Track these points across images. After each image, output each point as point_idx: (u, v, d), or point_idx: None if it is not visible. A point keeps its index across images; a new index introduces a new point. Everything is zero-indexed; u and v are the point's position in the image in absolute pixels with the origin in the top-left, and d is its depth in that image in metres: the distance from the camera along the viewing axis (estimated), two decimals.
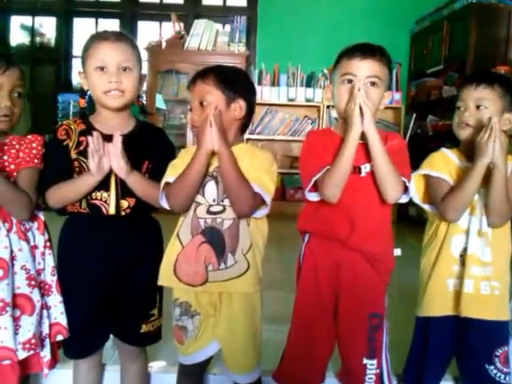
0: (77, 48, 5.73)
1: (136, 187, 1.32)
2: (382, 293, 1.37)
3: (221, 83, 1.28)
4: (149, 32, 5.59)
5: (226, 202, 1.27)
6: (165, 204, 1.29)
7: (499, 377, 1.38)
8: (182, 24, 4.83)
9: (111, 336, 1.44)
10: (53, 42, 5.74)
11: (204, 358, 1.35)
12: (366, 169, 1.31)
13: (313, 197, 1.33)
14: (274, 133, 4.82)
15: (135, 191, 1.33)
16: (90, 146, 1.25)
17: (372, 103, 1.25)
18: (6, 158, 1.30)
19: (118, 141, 1.26)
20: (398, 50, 4.97)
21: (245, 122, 1.35)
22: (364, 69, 1.27)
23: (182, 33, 4.72)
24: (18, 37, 5.80)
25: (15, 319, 1.26)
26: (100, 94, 1.33)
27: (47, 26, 5.79)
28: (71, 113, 5.05)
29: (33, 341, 1.27)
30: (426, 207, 1.43)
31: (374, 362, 1.34)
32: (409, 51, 5.24)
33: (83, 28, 5.73)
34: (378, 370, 1.34)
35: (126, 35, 1.38)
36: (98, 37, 1.34)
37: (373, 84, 1.28)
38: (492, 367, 1.38)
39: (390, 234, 1.38)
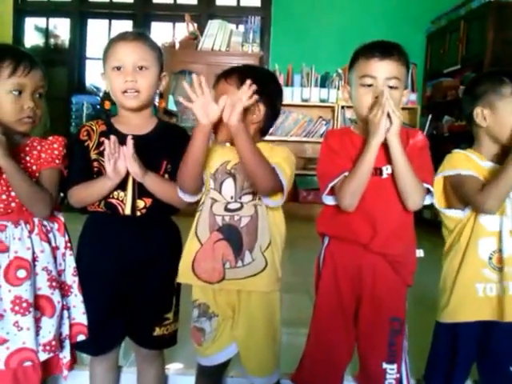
0: (90, 49, 5.77)
1: (154, 188, 1.32)
2: (403, 296, 1.35)
3: (242, 84, 1.26)
4: (162, 33, 5.61)
5: (244, 199, 1.27)
6: (183, 196, 1.29)
7: None
8: (195, 24, 4.82)
9: (129, 338, 1.44)
10: (67, 43, 5.77)
11: (222, 360, 1.34)
12: (387, 170, 1.29)
13: (329, 200, 1.32)
14: (288, 134, 4.78)
15: (154, 192, 1.33)
16: (106, 150, 1.26)
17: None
18: (28, 158, 1.31)
19: (129, 144, 1.26)
20: (413, 50, 4.85)
21: (265, 125, 1.34)
22: (383, 70, 1.25)
23: (196, 33, 4.71)
24: (32, 38, 5.84)
25: (36, 320, 1.26)
26: (118, 94, 1.34)
27: (61, 28, 5.83)
28: (85, 114, 5.06)
29: (53, 343, 1.28)
30: (450, 212, 1.39)
31: (394, 366, 1.33)
32: (424, 51, 5.18)
33: (97, 29, 5.76)
34: (397, 375, 1.33)
35: (146, 35, 1.38)
36: (117, 37, 1.35)
37: (391, 86, 1.26)
38: None
39: (413, 236, 1.36)
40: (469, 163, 1.37)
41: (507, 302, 1.31)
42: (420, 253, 1.36)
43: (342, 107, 4.70)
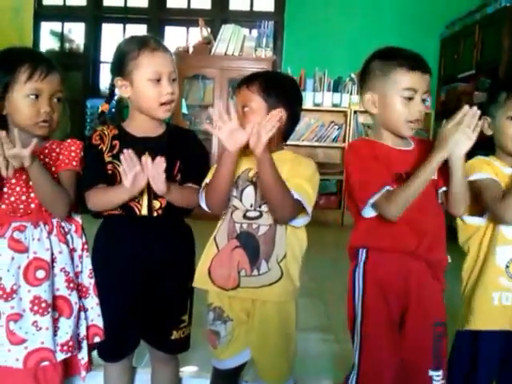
0: (105, 53, 5.82)
1: (175, 200, 1.33)
2: (442, 300, 1.33)
3: (264, 91, 1.28)
4: (176, 37, 5.65)
5: (264, 207, 1.26)
6: (203, 203, 1.30)
7: None
8: (209, 29, 4.84)
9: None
10: (81, 47, 5.84)
11: (237, 364, 1.35)
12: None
13: (370, 212, 1.28)
14: (299, 138, 4.77)
15: (174, 203, 1.33)
16: (124, 164, 1.24)
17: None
18: (47, 160, 1.33)
19: (161, 164, 1.24)
20: (427, 55, 4.74)
21: (286, 131, 1.33)
22: (424, 84, 1.26)
23: (210, 38, 4.73)
24: (47, 42, 5.92)
25: (54, 321, 1.28)
26: (154, 106, 1.33)
27: (76, 32, 5.91)
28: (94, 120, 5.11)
29: (70, 343, 1.29)
30: (470, 220, 1.38)
31: (440, 372, 1.29)
32: (438, 56, 5.14)
33: (111, 34, 5.82)
34: (444, 381, 1.30)
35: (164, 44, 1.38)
36: (148, 46, 1.31)
37: (424, 100, 1.27)
38: None
39: (445, 241, 1.35)
40: (490, 168, 1.36)
41: None
42: (448, 259, 1.34)
43: (355, 112, 4.68)
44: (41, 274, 1.26)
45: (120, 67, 1.34)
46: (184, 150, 1.39)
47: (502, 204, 1.27)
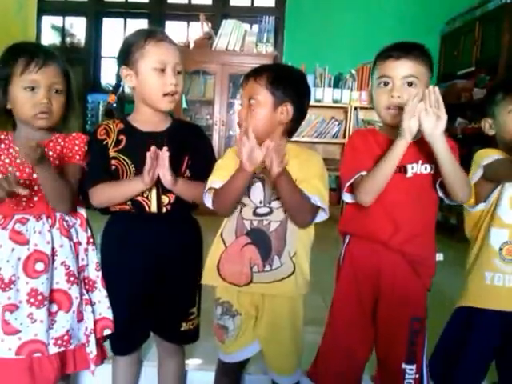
0: (106, 48, 5.83)
1: (183, 193, 1.34)
2: (423, 296, 1.34)
3: (271, 84, 1.26)
4: (177, 32, 5.65)
5: (274, 204, 1.26)
6: (208, 203, 1.30)
7: None
8: (209, 24, 4.85)
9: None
10: (82, 42, 5.85)
11: (244, 357, 1.36)
12: (412, 169, 1.28)
13: (347, 198, 1.34)
14: (300, 134, 4.78)
15: (182, 196, 1.35)
16: (148, 163, 1.26)
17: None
18: (51, 153, 1.33)
19: (166, 155, 1.26)
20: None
21: (293, 126, 1.32)
22: (399, 69, 1.25)
23: (210, 33, 4.74)
24: (48, 37, 5.92)
25: (52, 314, 1.28)
26: (158, 96, 1.33)
27: (77, 27, 5.91)
28: (100, 113, 5.12)
29: (66, 337, 1.29)
30: (479, 207, 1.42)
31: (414, 366, 1.32)
32: (438, 52, 5.15)
33: (112, 28, 5.82)
34: (417, 375, 1.32)
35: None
36: (154, 37, 1.32)
37: (410, 84, 1.25)
38: None
39: (433, 239, 1.35)
40: (497, 152, 1.41)
41: None
42: (440, 256, 1.35)
43: (355, 108, 4.69)
44: (40, 266, 1.25)
45: (126, 56, 1.34)
46: (191, 144, 1.38)
47: None
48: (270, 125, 1.27)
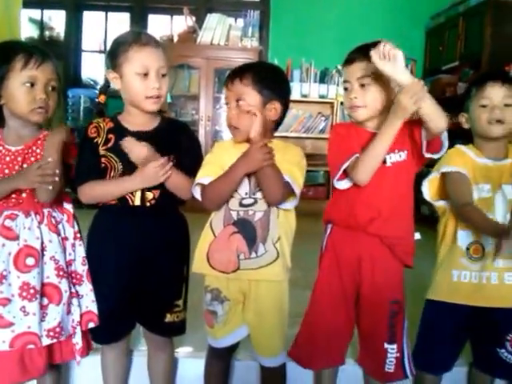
0: (86, 42, 5.70)
1: (169, 186, 1.37)
2: (401, 279, 1.44)
3: (258, 84, 1.32)
4: (160, 26, 5.55)
5: (258, 195, 1.33)
6: (197, 195, 1.35)
7: (510, 359, 1.47)
8: (193, 18, 4.77)
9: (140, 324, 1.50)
10: (62, 35, 5.70)
11: (233, 342, 1.41)
12: (391, 159, 1.36)
13: (342, 185, 1.38)
14: (287, 129, 4.76)
15: (169, 188, 1.38)
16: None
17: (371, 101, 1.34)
18: (38, 151, 1.35)
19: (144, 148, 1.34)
20: (413, 46, 4.91)
21: (279, 121, 1.40)
22: (350, 73, 1.37)
23: (195, 27, 4.67)
24: (26, 30, 5.74)
25: (43, 307, 1.31)
26: (141, 99, 1.37)
27: (56, 20, 5.76)
28: (82, 108, 5.00)
29: (57, 329, 1.32)
30: (439, 203, 1.51)
31: (395, 346, 1.42)
32: (424, 47, 5.18)
33: (93, 22, 5.69)
34: (398, 354, 1.42)
35: (158, 40, 1.42)
36: (139, 41, 1.36)
37: (362, 85, 1.35)
38: (503, 350, 1.48)
39: (410, 221, 1.43)
40: (461, 160, 1.47)
41: (485, 288, 1.42)
42: (417, 235, 1.43)
43: (341, 103, 4.69)
44: (30, 261, 1.29)
45: (112, 60, 1.38)
46: (178, 144, 1.42)
47: (462, 210, 1.40)
48: (263, 124, 1.31)
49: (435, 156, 1.37)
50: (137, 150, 1.33)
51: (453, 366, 1.55)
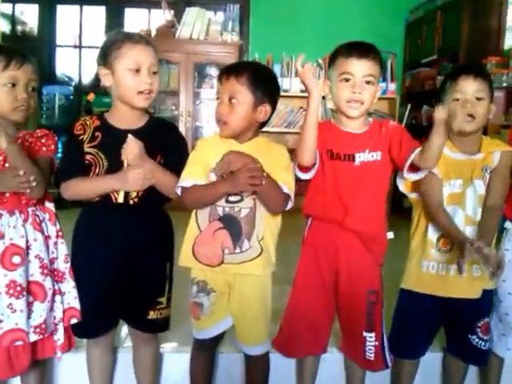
0: (61, 37, 5.54)
1: (156, 183, 1.39)
2: (377, 271, 1.50)
3: (254, 85, 1.35)
4: (137, 20, 5.45)
5: (244, 192, 1.35)
6: (179, 192, 1.39)
7: (480, 344, 1.54)
8: (172, 12, 4.68)
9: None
10: (35, 30, 5.55)
11: (217, 332, 1.45)
12: (360, 158, 1.41)
13: (302, 176, 1.42)
14: (269, 124, 4.70)
15: (155, 186, 1.40)
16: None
17: (368, 99, 1.39)
18: None
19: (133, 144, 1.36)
20: (392, 40, 4.93)
21: (266, 121, 1.44)
22: (360, 69, 1.38)
23: (173, 21, 4.58)
24: None
25: (29, 304, 1.34)
26: (132, 94, 1.40)
27: (29, 14, 5.59)
28: (57, 105, 4.86)
29: (43, 326, 1.35)
30: (413, 195, 1.56)
31: (373, 334, 1.47)
32: (403, 41, 5.22)
33: (67, 16, 5.54)
34: (377, 343, 1.48)
35: (149, 40, 1.46)
36: (131, 38, 1.40)
37: (368, 82, 1.38)
38: (474, 337, 1.54)
39: (384, 219, 1.50)
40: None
41: (450, 280, 1.48)
42: (390, 235, 1.49)
43: (323, 97, 4.66)
44: (16, 259, 1.31)
45: (104, 56, 1.41)
46: (164, 143, 1.44)
47: (430, 211, 1.46)
48: (249, 123, 1.37)
49: (413, 177, 1.41)
50: (131, 145, 1.35)
51: (426, 351, 1.61)
